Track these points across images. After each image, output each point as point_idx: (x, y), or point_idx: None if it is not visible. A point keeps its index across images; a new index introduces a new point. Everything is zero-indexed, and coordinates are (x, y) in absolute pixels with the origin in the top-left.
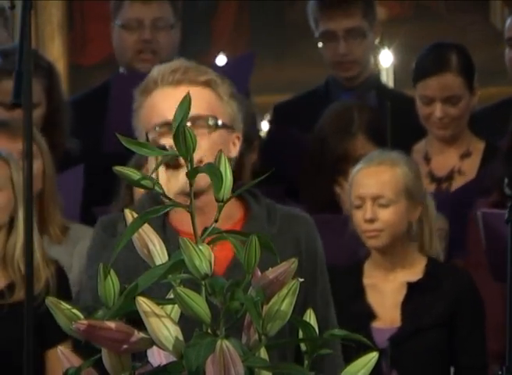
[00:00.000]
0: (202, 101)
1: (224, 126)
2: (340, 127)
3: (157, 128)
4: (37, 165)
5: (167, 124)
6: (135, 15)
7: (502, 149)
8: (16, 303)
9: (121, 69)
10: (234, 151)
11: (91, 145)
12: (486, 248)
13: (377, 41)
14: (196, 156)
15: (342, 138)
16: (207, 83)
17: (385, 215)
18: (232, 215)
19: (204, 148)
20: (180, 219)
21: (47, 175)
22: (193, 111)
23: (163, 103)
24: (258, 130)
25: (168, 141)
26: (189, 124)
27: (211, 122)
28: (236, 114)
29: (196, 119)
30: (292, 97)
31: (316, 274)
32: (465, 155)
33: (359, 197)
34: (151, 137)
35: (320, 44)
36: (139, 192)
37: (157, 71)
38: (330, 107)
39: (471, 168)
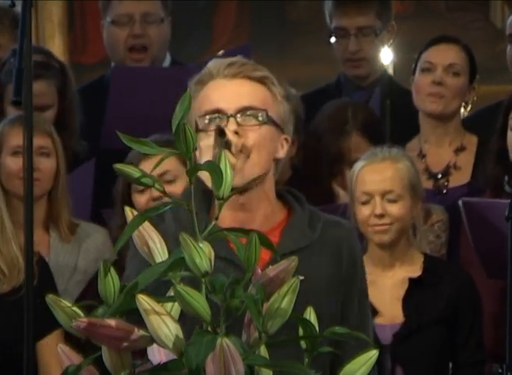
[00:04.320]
0: (256, 94)
1: (274, 123)
2: (335, 126)
3: (205, 117)
4: (51, 163)
5: (217, 112)
6: (125, 10)
7: (492, 148)
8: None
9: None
10: (282, 153)
11: (89, 140)
12: (472, 239)
13: (391, 42)
14: (242, 143)
15: (336, 137)
16: (262, 80)
17: (394, 210)
18: (275, 215)
19: (252, 141)
20: (222, 216)
21: (61, 175)
22: (245, 102)
23: (216, 92)
24: (299, 124)
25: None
26: (240, 115)
27: (261, 115)
28: (288, 116)
29: (247, 110)
30: (302, 94)
31: (354, 283)
32: (459, 150)
33: (366, 193)
34: (200, 123)
35: (332, 40)
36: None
37: (213, 64)
38: (324, 106)
39: (466, 162)
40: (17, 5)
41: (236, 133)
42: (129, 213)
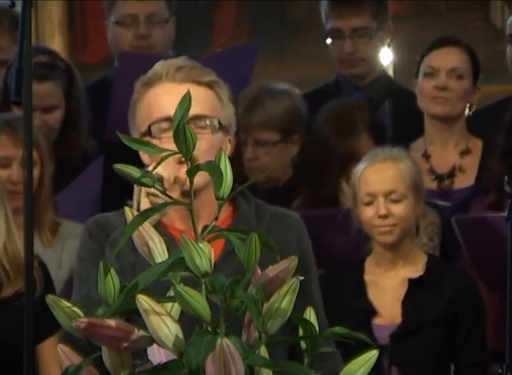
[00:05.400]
0: (206, 101)
1: (223, 128)
2: (343, 127)
3: (158, 124)
4: (34, 173)
5: (169, 119)
6: (129, 11)
7: (497, 147)
8: (3, 300)
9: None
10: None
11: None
12: (467, 255)
13: (388, 41)
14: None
15: (346, 138)
16: (210, 84)
17: (398, 210)
18: (221, 212)
19: (202, 149)
20: (171, 217)
21: (44, 185)
22: (197, 111)
23: (166, 98)
24: (301, 123)
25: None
26: (191, 123)
27: (214, 123)
28: (233, 117)
29: (199, 119)
30: (302, 93)
31: (307, 272)
32: (464, 153)
33: (369, 194)
34: (153, 130)
35: (328, 41)
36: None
37: (161, 66)
38: (327, 107)
39: (471, 165)
40: (17, 5)
41: None
42: (129, 213)
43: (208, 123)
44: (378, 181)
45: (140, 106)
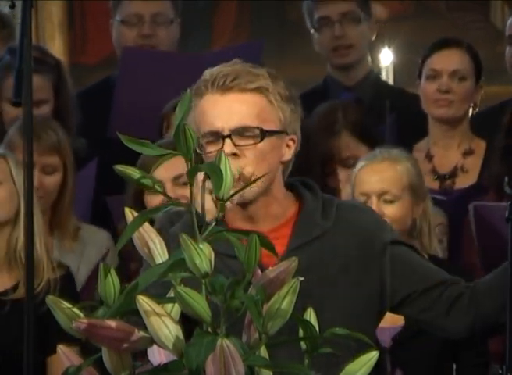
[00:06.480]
0: (250, 110)
1: (272, 133)
2: (324, 127)
3: (204, 138)
4: (55, 178)
5: (214, 133)
6: (135, 10)
7: (497, 147)
8: (19, 300)
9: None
10: (288, 154)
11: (94, 139)
12: (478, 243)
13: (373, 38)
14: (242, 166)
15: (325, 138)
16: (257, 90)
17: (391, 210)
18: (287, 211)
19: (249, 159)
20: (232, 216)
21: (67, 191)
22: (241, 122)
23: (211, 111)
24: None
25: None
26: (235, 135)
27: (256, 133)
28: (289, 116)
29: (243, 131)
30: None
31: (398, 246)
32: (467, 153)
33: (363, 193)
34: (202, 142)
35: (315, 34)
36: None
37: (209, 74)
38: (317, 109)
39: (473, 166)
40: (17, 5)
41: (234, 154)
42: (129, 214)
43: (250, 133)
44: (373, 181)
45: (193, 115)
